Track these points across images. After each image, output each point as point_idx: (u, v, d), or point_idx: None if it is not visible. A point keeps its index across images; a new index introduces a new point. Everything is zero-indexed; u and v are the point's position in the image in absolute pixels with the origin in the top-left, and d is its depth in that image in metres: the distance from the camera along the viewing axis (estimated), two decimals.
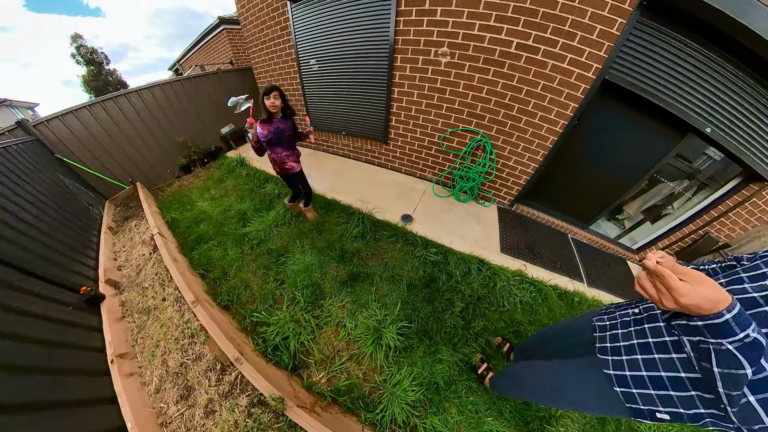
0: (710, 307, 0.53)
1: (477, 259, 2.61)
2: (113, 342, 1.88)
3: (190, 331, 1.96)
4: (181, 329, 2.00)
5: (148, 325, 2.13)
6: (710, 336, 0.55)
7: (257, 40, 4.56)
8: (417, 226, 3.03)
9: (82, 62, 22.06)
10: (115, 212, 3.99)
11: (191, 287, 2.10)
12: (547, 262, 2.80)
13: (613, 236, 3.34)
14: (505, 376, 1.50)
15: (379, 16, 3.00)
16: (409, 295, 2.29)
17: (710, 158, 2.58)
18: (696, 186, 2.77)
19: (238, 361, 1.66)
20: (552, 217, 3.42)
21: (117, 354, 1.82)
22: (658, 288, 0.59)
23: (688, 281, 0.55)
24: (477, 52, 2.70)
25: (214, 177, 4.64)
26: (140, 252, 2.92)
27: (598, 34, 2.18)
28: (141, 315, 2.23)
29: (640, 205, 3.17)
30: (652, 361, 0.73)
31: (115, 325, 2.05)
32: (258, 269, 2.59)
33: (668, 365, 0.70)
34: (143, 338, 2.05)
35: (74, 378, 1.56)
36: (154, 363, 1.90)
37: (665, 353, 0.72)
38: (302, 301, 2.23)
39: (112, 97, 3.96)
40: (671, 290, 0.56)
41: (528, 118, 2.81)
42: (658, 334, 0.75)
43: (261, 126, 2.23)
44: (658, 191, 2.98)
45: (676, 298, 0.55)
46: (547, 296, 2.41)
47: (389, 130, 3.83)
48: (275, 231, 3.03)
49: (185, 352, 1.89)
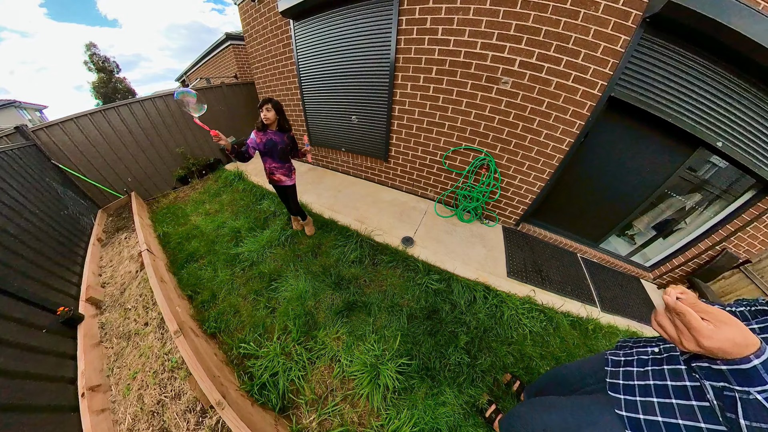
0: (736, 351, 0.49)
1: (482, 286, 2.51)
2: (86, 372, 1.77)
3: (170, 364, 1.86)
4: (161, 361, 1.90)
5: (127, 353, 2.03)
6: (736, 383, 0.51)
7: (260, 56, 4.71)
8: (418, 249, 2.96)
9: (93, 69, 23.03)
10: (107, 222, 3.95)
11: (176, 314, 2.00)
12: (556, 285, 2.70)
13: (624, 254, 3.25)
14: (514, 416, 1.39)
15: (380, 34, 3.05)
16: (410, 327, 2.18)
17: (715, 166, 2.53)
18: (708, 199, 2.70)
19: (220, 406, 1.54)
20: (560, 236, 3.35)
21: (89, 386, 1.70)
22: (677, 327, 0.56)
23: (711, 321, 0.52)
24: (480, 70, 2.72)
25: (211, 190, 4.63)
26: (127, 268, 2.85)
27: (603, 51, 2.18)
28: (120, 340, 2.13)
29: (650, 221, 3.10)
30: (669, 407, 0.68)
31: (91, 351, 1.94)
32: (248, 294, 2.51)
33: (687, 413, 0.64)
34: (120, 368, 1.94)
35: (35, 417, 1.44)
36: (130, 398, 1.78)
37: (685, 399, 0.66)
38: (294, 331, 2.13)
39: (114, 106, 4.05)
40: (692, 330, 0.53)
41: (533, 137, 2.78)
42: (678, 377, 0.70)
43: (255, 134, 2.32)
44: (668, 206, 2.91)
45: (698, 339, 0.52)
46: (559, 325, 2.30)
47: (390, 148, 3.83)
48: (269, 252, 2.97)
49: (164, 388, 1.78)
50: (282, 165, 2.51)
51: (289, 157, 2.55)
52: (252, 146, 2.31)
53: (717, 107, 2.09)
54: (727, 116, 2.10)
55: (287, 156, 2.51)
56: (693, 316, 0.53)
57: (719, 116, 2.11)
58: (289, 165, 2.59)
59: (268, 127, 2.31)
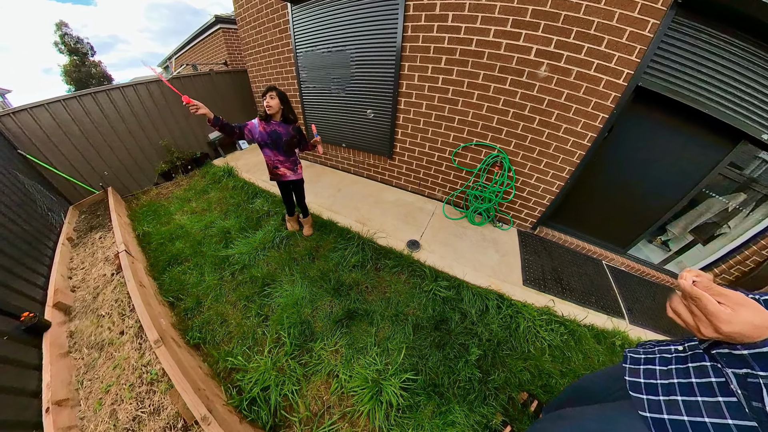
0: (756, 334, 0.51)
1: (495, 294, 2.48)
2: (52, 384, 1.74)
3: (149, 376, 1.83)
4: (138, 373, 1.87)
5: (99, 365, 2.00)
6: (759, 368, 0.53)
7: (254, 41, 4.74)
8: (425, 253, 2.94)
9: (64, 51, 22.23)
10: (79, 220, 3.85)
11: (156, 322, 1.98)
12: (578, 295, 2.66)
13: (657, 262, 3.18)
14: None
15: (386, 21, 3.08)
16: (416, 338, 2.16)
17: (766, 163, 2.45)
18: (755, 200, 2.62)
19: (205, 421, 1.51)
20: (582, 241, 3.31)
21: (55, 400, 1.67)
22: (693, 313, 0.58)
23: (728, 304, 0.54)
24: (492, 59, 2.72)
25: (197, 187, 4.63)
26: (101, 271, 2.82)
27: (629, 37, 2.16)
28: (92, 351, 2.09)
29: (686, 224, 3.02)
30: (694, 405, 0.69)
31: (59, 362, 1.91)
32: (238, 300, 2.49)
33: (714, 410, 0.66)
34: (91, 380, 1.91)
35: None
36: (101, 414, 1.75)
37: (710, 396, 0.67)
38: (288, 343, 2.10)
39: (92, 92, 3.98)
40: (709, 315, 0.55)
41: (551, 131, 2.77)
42: (703, 374, 0.71)
43: (258, 122, 2.35)
44: (708, 207, 2.84)
45: (716, 324, 0.54)
46: (582, 339, 2.26)
47: (395, 144, 3.83)
48: (262, 255, 2.96)
49: (141, 403, 1.75)
50: (287, 158, 2.54)
51: (294, 150, 2.58)
52: (251, 130, 2.33)
53: (761, 95, 2.04)
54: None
55: (293, 149, 2.55)
56: (709, 301, 0.54)
57: (764, 105, 2.06)
58: (294, 158, 2.62)
59: (271, 117, 2.33)
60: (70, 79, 22.58)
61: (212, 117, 2.05)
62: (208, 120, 2.06)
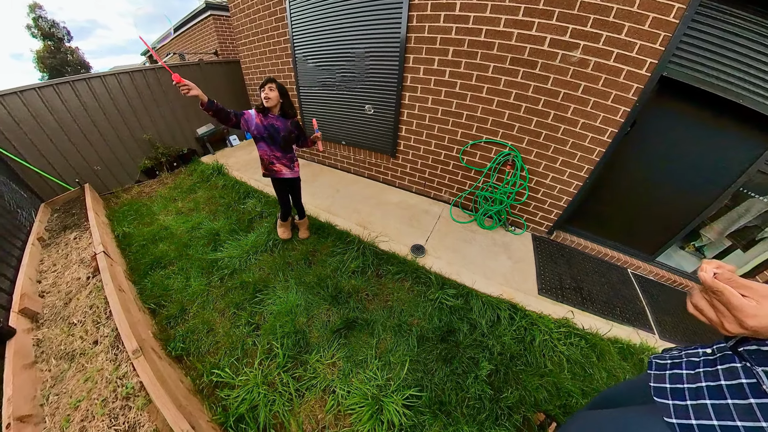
0: None
1: (508, 304, 2.42)
2: (14, 398, 1.67)
3: (124, 391, 1.75)
4: (112, 386, 1.79)
5: (68, 378, 1.91)
6: None
7: (248, 30, 4.74)
8: (431, 259, 2.89)
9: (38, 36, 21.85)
10: (52, 219, 3.72)
11: (136, 330, 1.92)
12: (601, 306, 2.59)
13: (690, 270, 3.07)
14: None
15: (389, 10, 3.06)
16: (420, 351, 2.10)
17: None
18: None
19: None
20: (604, 247, 3.22)
21: (17, 416, 1.60)
22: (716, 308, 0.58)
23: (753, 297, 0.54)
24: (503, 51, 2.68)
25: (184, 186, 4.59)
26: (75, 275, 2.73)
27: (652, 23, 2.10)
28: (61, 361, 2.01)
29: (723, 228, 2.91)
30: (724, 408, 0.68)
31: (23, 374, 1.84)
32: (227, 308, 2.43)
33: (746, 413, 0.65)
34: (58, 395, 1.82)
35: None
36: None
37: (741, 398, 0.66)
38: (281, 355, 2.05)
39: (70, 80, 3.89)
40: (733, 310, 0.55)
41: (567, 127, 2.71)
42: (733, 375, 0.70)
43: (256, 114, 2.32)
44: (747, 209, 2.73)
45: (741, 319, 0.54)
46: (605, 354, 2.18)
47: (398, 141, 3.80)
48: (254, 259, 2.91)
49: (114, 420, 1.67)
50: (284, 155, 2.53)
51: (292, 147, 2.58)
52: (248, 120, 2.30)
53: None
54: None
55: (290, 145, 2.54)
56: (732, 294, 0.55)
57: None
58: (292, 155, 2.61)
59: (269, 110, 2.32)
60: (43, 65, 22.14)
61: (206, 100, 1.99)
62: (201, 103, 2.00)
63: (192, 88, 1.87)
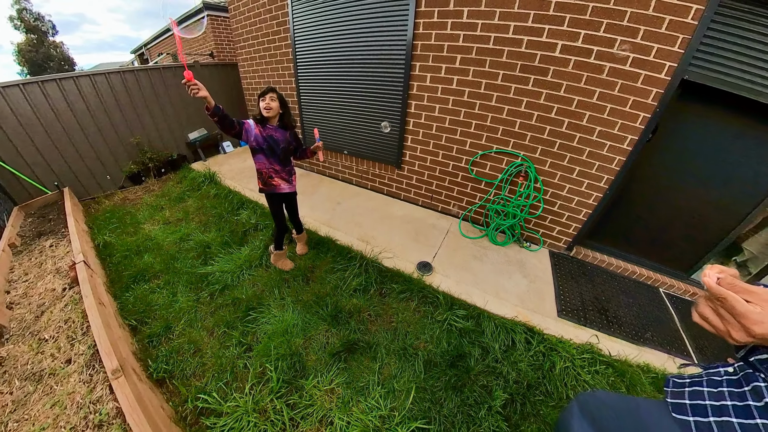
0: None
1: (524, 327, 2.36)
2: None
3: (97, 417, 1.69)
4: (84, 412, 1.73)
5: (33, 401, 1.84)
6: None
7: (247, 33, 4.93)
8: (438, 277, 2.87)
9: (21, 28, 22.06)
10: (25, 224, 3.69)
11: (116, 348, 1.88)
12: (629, 330, 2.51)
13: None
14: None
15: (395, 17, 3.18)
16: (427, 377, 2.04)
17: None
18: None
19: None
20: (631, 264, 3.16)
21: None
22: (722, 316, 0.58)
23: (756, 302, 0.54)
24: (513, 58, 2.74)
25: (172, 194, 4.62)
26: (49, 285, 2.70)
27: (669, 26, 2.14)
28: (25, 383, 1.94)
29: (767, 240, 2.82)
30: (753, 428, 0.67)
31: None
32: (217, 326, 2.40)
33: None
34: (18, 422, 1.75)
35: None
36: None
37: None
38: (274, 379, 2.00)
39: (56, 78, 3.95)
40: (738, 317, 0.55)
41: (583, 135, 2.72)
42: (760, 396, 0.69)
43: (255, 124, 2.32)
44: None
45: (747, 326, 0.54)
46: (635, 383, 2.08)
47: (404, 152, 3.84)
48: (247, 274, 2.90)
49: None
50: (283, 168, 2.54)
51: (290, 159, 2.60)
52: (248, 130, 2.30)
53: None
54: None
55: (289, 157, 2.56)
56: (736, 300, 0.55)
57: None
58: (291, 168, 2.63)
59: (267, 120, 2.34)
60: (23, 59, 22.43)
61: (213, 104, 2.00)
62: (207, 107, 2.00)
63: (201, 88, 1.88)
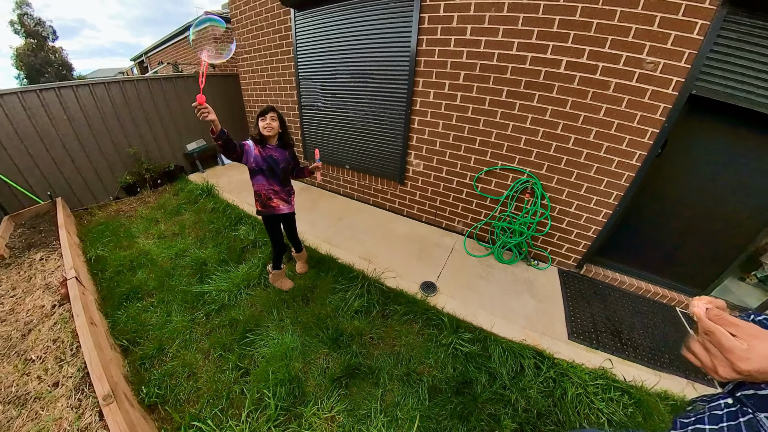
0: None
1: (533, 351, 2.33)
2: None
3: None
4: None
5: (17, 427, 1.79)
6: None
7: (249, 46, 5.09)
8: (443, 298, 2.85)
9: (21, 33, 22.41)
10: (15, 234, 3.66)
11: (108, 371, 1.87)
12: (646, 353, 2.47)
13: (756, 305, 2.94)
14: None
15: (398, 34, 3.28)
16: (432, 405, 2.01)
17: None
18: None
19: None
20: (644, 282, 3.13)
21: None
22: (709, 351, 0.59)
23: (742, 337, 0.55)
24: (517, 74, 2.81)
25: (168, 206, 4.63)
26: (38, 302, 2.67)
27: (674, 41, 2.19)
28: (8, 407, 1.90)
29: None
30: None
31: None
32: (213, 348, 2.39)
33: None
34: None
35: None
36: None
37: None
38: (272, 405, 1.97)
39: (55, 87, 4.04)
40: (725, 352, 0.55)
41: (590, 151, 2.75)
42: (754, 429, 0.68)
43: (254, 145, 2.34)
44: None
45: (733, 362, 0.54)
46: (652, 412, 2.03)
47: (407, 168, 3.87)
48: (245, 294, 2.90)
49: None
50: (282, 188, 2.56)
51: (289, 179, 2.62)
52: (248, 152, 2.30)
53: None
54: None
55: (288, 177, 2.58)
56: (723, 335, 0.56)
57: None
58: (290, 188, 2.65)
59: (267, 140, 2.36)
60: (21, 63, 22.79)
61: (219, 128, 2.04)
62: (212, 131, 2.04)
63: (211, 112, 1.93)
